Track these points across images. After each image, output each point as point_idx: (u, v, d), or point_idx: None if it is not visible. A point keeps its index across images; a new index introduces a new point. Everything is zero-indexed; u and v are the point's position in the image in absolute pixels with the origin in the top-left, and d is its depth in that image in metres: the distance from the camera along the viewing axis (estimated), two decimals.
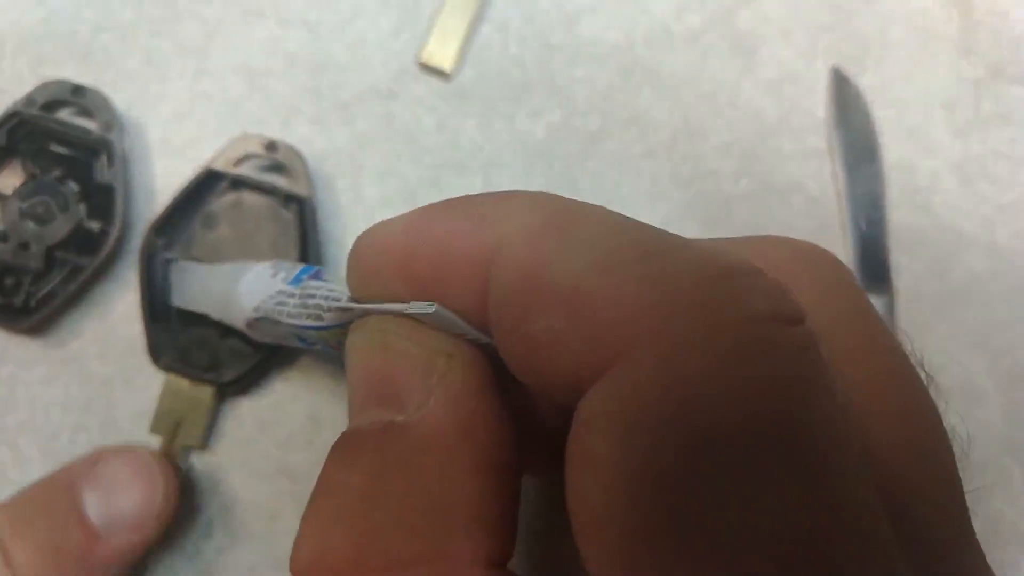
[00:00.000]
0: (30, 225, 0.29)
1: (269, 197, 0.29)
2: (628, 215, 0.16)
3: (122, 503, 0.24)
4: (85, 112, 0.30)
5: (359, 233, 0.26)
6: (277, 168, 0.29)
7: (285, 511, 0.29)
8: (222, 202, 0.29)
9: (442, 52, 0.31)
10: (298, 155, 0.29)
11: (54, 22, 0.32)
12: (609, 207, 0.31)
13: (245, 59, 0.32)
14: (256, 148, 0.29)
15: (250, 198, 0.29)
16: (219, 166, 0.29)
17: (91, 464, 0.24)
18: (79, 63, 0.32)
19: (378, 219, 0.31)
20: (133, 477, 0.24)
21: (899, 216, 0.32)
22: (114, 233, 0.29)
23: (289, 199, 0.29)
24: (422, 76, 0.32)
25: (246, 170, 0.29)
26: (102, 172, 0.30)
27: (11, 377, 0.29)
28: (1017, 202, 0.32)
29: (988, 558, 0.12)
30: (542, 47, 0.33)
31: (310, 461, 0.29)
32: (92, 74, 0.31)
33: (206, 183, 0.29)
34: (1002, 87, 0.33)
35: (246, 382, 0.29)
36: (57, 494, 0.24)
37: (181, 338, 0.28)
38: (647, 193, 0.32)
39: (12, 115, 0.29)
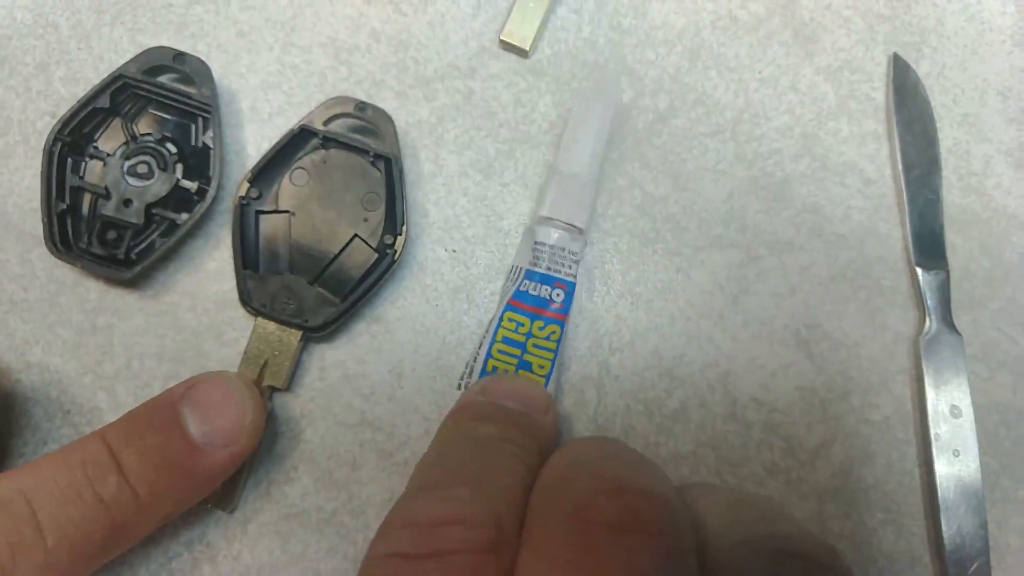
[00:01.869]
0: (131, 183, 0.30)
1: (358, 155, 0.31)
2: (693, 191, 0.32)
3: (217, 420, 0.25)
4: (185, 78, 0.32)
5: (440, 199, 0.31)
6: (366, 129, 0.31)
7: (367, 460, 0.30)
8: (312, 158, 0.31)
9: (521, 31, 0.33)
10: (387, 117, 0.31)
11: None
12: (675, 182, 0.34)
13: (332, 34, 0.34)
14: (347, 108, 0.31)
15: (340, 156, 0.31)
16: (311, 124, 0.30)
17: (188, 387, 0.26)
18: (174, 34, 0.33)
19: (457, 188, 0.33)
20: (225, 397, 0.26)
21: (953, 198, 0.34)
22: (210, 193, 0.30)
23: (378, 158, 0.30)
24: (501, 54, 0.34)
25: (337, 129, 0.31)
26: (199, 135, 0.31)
27: (109, 327, 0.31)
28: None
29: None
30: (613, 30, 0.34)
31: (391, 413, 0.30)
32: (186, 44, 0.33)
33: (298, 139, 0.30)
34: None
35: (331, 329, 0.30)
36: (161, 412, 0.25)
37: (270, 285, 0.30)
38: (712, 170, 0.33)
39: (116, 78, 0.31)
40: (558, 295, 0.30)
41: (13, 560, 0.21)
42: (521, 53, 0.33)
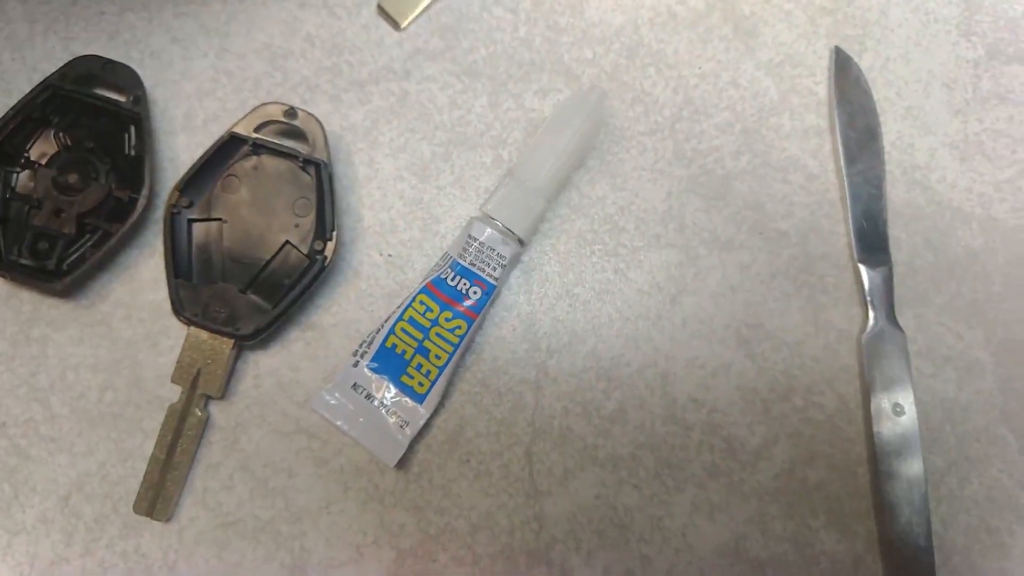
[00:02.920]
0: (63, 193, 0.30)
1: (289, 161, 0.30)
2: (631, 191, 0.28)
3: None
4: (115, 87, 0.31)
5: (375, 203, 0.29)
6: (296, 134, 0.31)
7: (303, 468, 0.30)
8: (243, 165, 0.30)
9: (401, 3, 0.33)
10: (317, 121, 0.30)
11: (82, 3, 0.34)
12: (613, 182, 0.33)
13: (266, 39, 0.33)
14: (277, 114, 0.30)
15: (270, 162, 0.31)
16: (241, 131, 0.30)
17: None
18: (107, 41, 0.33)
19: (392, 192, 0.33)
20: None
21: (898, 192, 0.33)
22: (141, 202, 0.30)
23: (308, 163, 0.30)
24: (437, 55, 0.33)
25: (267, 135, 0.31)
26: (131, 144, 0.31)
27: (43, 337, 0.31)
28: (1014, 179, 0.33)
29: (985, 526, 0.12)
30: (550, 28, 0.34)
31: (326, 421, 0.30)
32: (119, 52, 0.33)
33: (229, 146, 0.30)
34: (1001, 67, 0.34)
35: (263, 336, 0.30)
36: None
37: (202, 293, 0.30)
38: (650, 169, 0.33)
39: (46, 88, 0.31)
40: (475, 292, 0.30)
41: None
42: (394, 25, 0.33)
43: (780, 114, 0.34)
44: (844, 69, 0.33)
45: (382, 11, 0.33)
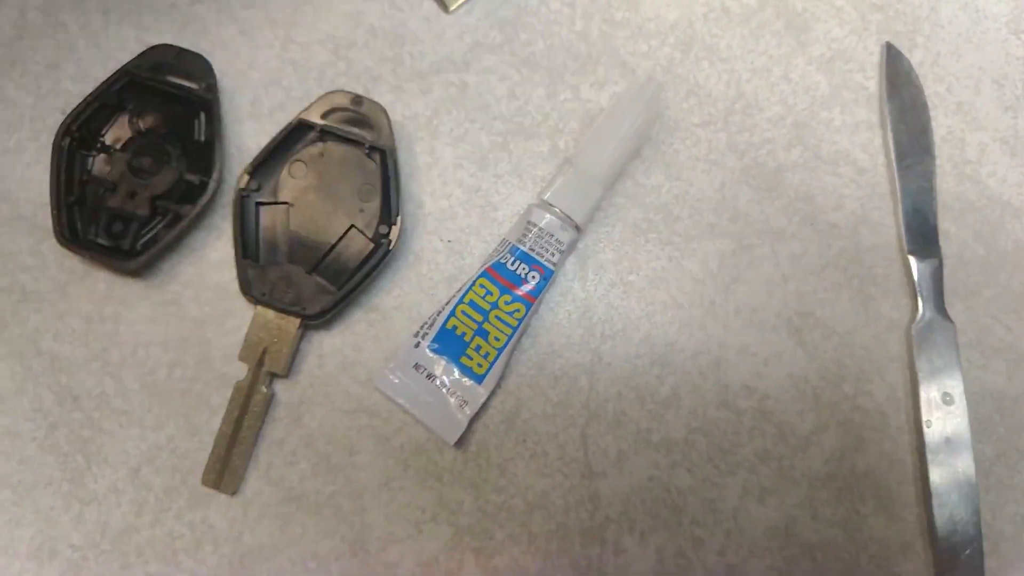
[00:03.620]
0: (136, 176, 0.32)
1: (355, 147, 0.31)
2: (686, 180, 0.30)
3: None
4: (187, 75, 0.32)
5: (435, 191, 0.30)
6: (362, 122, 0.32)
7: (364, 445, 0.31)
8: (310, 151, 0.31)
9: None
10: (382, 110, 0.31)
11: None
12: (668, 172, 0.34)
13: (330, 30, 0.34)
14: (343, 102, 0.31)
15: (336, 148, 0.32)
16: (309, 117, 0.31)
17: None
18: (178, 32, 0.34)
19: (452, 180, 0.34)
20: None
21: (948, 186, 0.34)
22: (211, 185, 0.31)
23: (373, 150, 0.31)
24: (496, 47, 0.34)
25: (333, 122, 0.32)
26: (201, 130, 0.32)
27: (116, 315, 0.32)
28: None
29: None
30: (606, 23, 0.35)
31: (388, 400, 0.31)
32: (189, 42, 0.34)
33: (296, 133, 0.31)
34: None
35: (328, 317, 0.31)
36: None
37: (269, 274, 0.31)
38: (704, 160, 0.34)
39: (123, 75, 0.32)
40: (533, 277, 0.31)
41: None
42: (442, 6, 0.34)
43: (831, 108, 0.34)
44: (895, 64, 0.34)
45: None
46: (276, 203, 0.32)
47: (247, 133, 0.34)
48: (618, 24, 0.35)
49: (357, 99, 0.32)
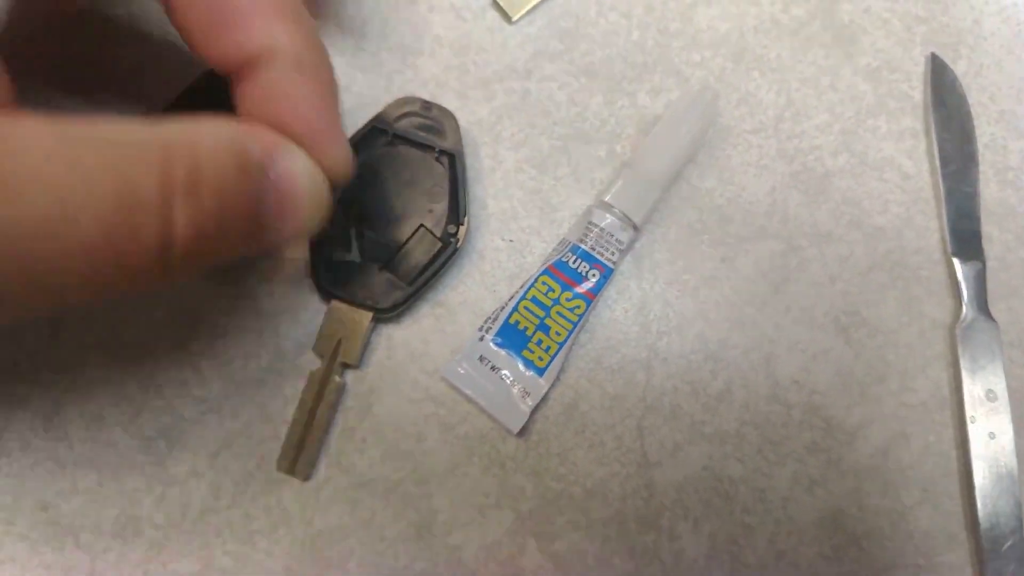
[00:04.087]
0: None
1: (424, 151, 0.33)
2: (738, 184, 0.34)
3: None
4: None
5: (497, 192, 0.32)
6: (431, 128, 0.33)
7: (431, 433, 0.32)
8: (383, 153, 0.33)
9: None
10: (451, 115, 0.33)
11: None
12: (721, 176, 0.36)
13: (398, 39, 0.36)
14: (414, 108, 0.33)
15: (407, 151, 0.33)
16: (381, 122, 0.33)
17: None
18: None
19: (514, 182, 0.35)
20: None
21: (990, 192, 0.35)
22: None
23: (442, 154, 0.33)
24: (556, 56, 0.36)
25: (404, 127, 0.33)
26: None
27: (195, 308, 0.34)
28: None
29: None
30: (661, 33, 0.36)
31: (454, 389, 0.32)
32: None
33: (370, 136, 0.33)
34: None
35: (399, 312, 0.32)
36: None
37: (342, 271, 0.33)
38: (755, 165, 0.35)
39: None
40: (593, 275, 0.32)
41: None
42: (505, 17, 0.36)
43: (877, 116, 0.36)
44: (940, 74, 0.35)
45: (496, 5, 0.36)
46: (348, 202, 0.33)
47: None
48: (673, 35, 0.36)
49: (427, 105, 0.33)
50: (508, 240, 0.34)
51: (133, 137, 0.17)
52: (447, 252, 0.32)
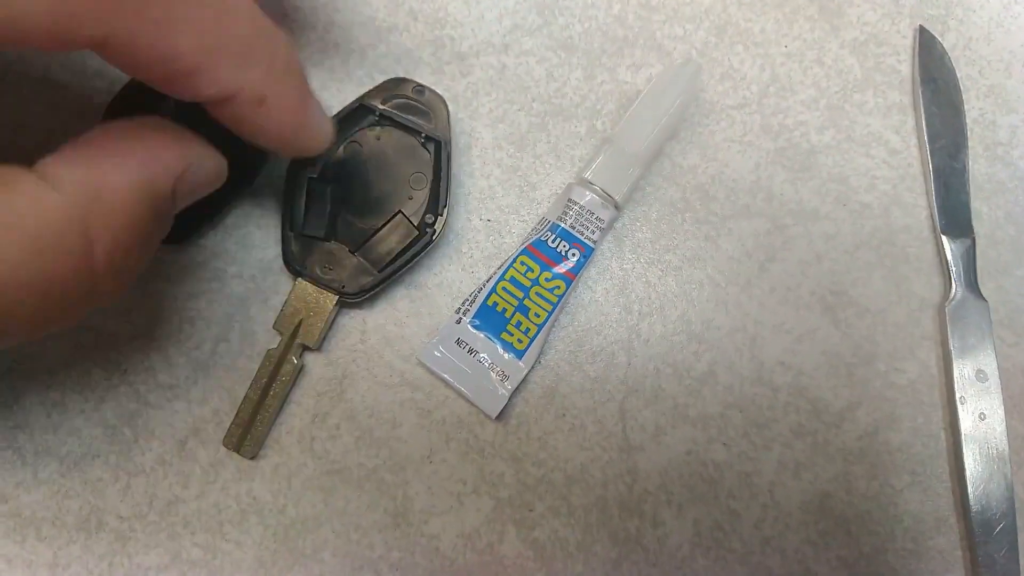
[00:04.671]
0: None
1: (410, 135, 0.32)
2: (721, 161, 0.32)
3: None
4: None
5: (474, 171, 0.31)
6: (421, 111, 0.32)
7: (407, 419, 0.31)
8: (367, 134, 0.32)
9: None
10: (442, 101, 0.32)
11: None
12: (704, 153, 0.35)
13: (371, 13, 0.35)
14: (405, 90, 0.32)
15: (392, 134, 0.32)
16: (370, 101, 0.32)
17: None
18: None
19: (491, 160, 0.34)
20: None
21: (979, 167, 0.34)
22: (262, 162, 0.32)
23: (428, 140, 0.32)
24: (535, 31, 0.35)
25: (392, 108, 0.32)
26: None
27: (160, 291, 0.32)
28: None
29: None
30: (642, 7, 0.35)
31: (430, 373, 0.31)
32: None
33: (356, 114, 0.32)
34: None
35: (365, 297, 0.31)
36: None
37: (313, 249, 0.31)
38: (739, 141, 0.34)
39: None
40: (573, 255, 0.31)
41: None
42: None
43: (864, 91, 0.35)
44: (928, 48, 0.34)
45: None
46: (327, 180, 0.32)
47: None
48: (654, 8, 0.35)
49: (419, 88, 0.32)
50: (486, 220, 0.33)
51: (52, 225, 0.19)
52: (422, 242, 0.31)
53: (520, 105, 0.34)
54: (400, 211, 0.32)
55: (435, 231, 0.31)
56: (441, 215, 0.31)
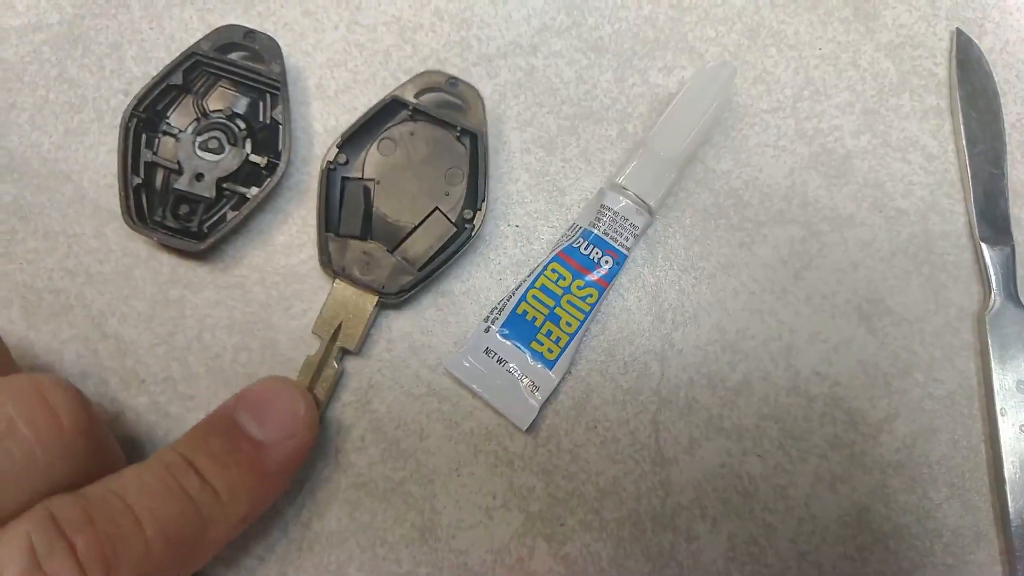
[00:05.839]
0: (203, 158, 0.31)
1: (445, 129, 0.31)
2: (755, 166, 0.33)
3: (272, 416, 0.27)
4: (255, 56, 0.32)
5: (503, 175, 0.30)
6: (454, 105, 0.31)
7: (434, 430, 0.30)
8: (400, 129, 0.31)
9: None
10: (476, 93, 0.31)
11: None
12: (737, 157, 0.34)
13: (396, 12, 0.34)
14: (438, 83, 0.31)
15: (427, 129, 0.31)
16: (402, 95, 0.31)
17: (238, 396, 0.28)
18: (242, 13, 0.34)
19: (519, 164, 0.33)
20: (275, 395, 0.28)
21: (1019, 173, 0.33)
22: (280, 167, 0.31)
23: (464, 133, 0.31)
24: (564, 32, 0.34)
25: (426, 102, 0.31)
26: (268, 111, 0.32)
27: (181, 299, 0.31)
28: None
29: None
30: (673, 8, 0.35)
31: (458, 384, 0.31)
32: (253, 24, 0.34)
33: (388, 110, 0.31)
34: None
35: (407, 297, 0.31)
36: (219, 421, 0.27)
37: (350, 249, 0.31)
38: (773, 146, 0.33)
39: (190, 56, 0.31)
40: (606, 262, 0.30)
41: (115, 552, 0.22)
42: None
43: (900, 95, 0.34)
44: (965, 51, 0.34)
45: None
46: (362, 179, 0.31)
47: (312, 115, 0.33)
48: (685, 9, 0.35)
49: (453, 80, 0.31)
50: (514, 226, 0.32)
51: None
52: (461, 238, 0.30)
53: (549, 108, 0.33)
54: (437, 208, 0.31)
55: (475, 226, 0.30)
56: (480, 210, 0.30)
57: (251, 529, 0.30)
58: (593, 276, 0.30)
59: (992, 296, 0.32)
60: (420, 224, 0.31)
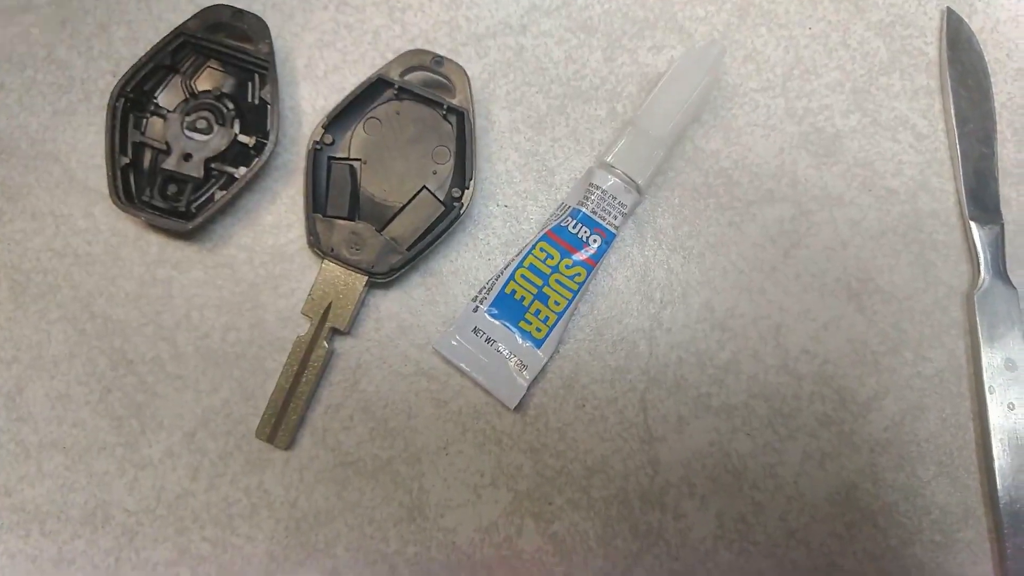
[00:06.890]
0: (191, 138, 0.31)
1: (431, 108, 0.31)
2: (744, 145, 0.30)
3: None
4: (243, 36, 0.32)
5: (491, 155, 0.29)
6: (440, 83, 0.31)
7: (422, 409, 0.30)
8: (386, 108, 0.31)
9: None
10: (463, 72, 0.31)
11: None
12: (727, 137, 0.34)
13: None
14: (423, 61, 0.31)
15: (413, 108, 0.31)
16: (388, 74, 0.31)
17: None
18: None
19: (508, 144, 0.33)
20: None
21: (1008, 152, 0.33)
22: (268, 147, 0.31)
23: (450, 111, 0.31)
24: (553, 11, 0.34)
25: (412, 81, 0.31)
26: (256, 91, 0.32)
27: (168, 279, 0.31)
28: None
29: None
30: None
31: (446, 362, 0.31)
32: (243, 4, 0.34)
33: (373, 89, 0.31)
34: None
35: (395, 277, 0.31)
36: None
37: (338, 230, 0.31)
38: (763, 125, 0.33)
39: (177, 35, 0.31)
40: (595, 240, 0.30)
41: None
42: None
43: (890, 74, 0.34)
44: (956, 30, 0.34)
45: None
46: (349, 159, 0.31)
47: (301, 95, 0.33)
48: None
49: (438, 59, 0.31)
50: (503, 206, 0.32)
51: None
52: (451, 216, 0.30)
53: (538, 87, 0.33)
54: (425, 187, 0.31)
55: (463, 204, 0.30)
56: (468, 188, 0.30)
57: (238, 508, 0.30)
58: (581, 255, 0.30)
59: (981, 275, 0.32)
60: (408, 203, 0.31)
